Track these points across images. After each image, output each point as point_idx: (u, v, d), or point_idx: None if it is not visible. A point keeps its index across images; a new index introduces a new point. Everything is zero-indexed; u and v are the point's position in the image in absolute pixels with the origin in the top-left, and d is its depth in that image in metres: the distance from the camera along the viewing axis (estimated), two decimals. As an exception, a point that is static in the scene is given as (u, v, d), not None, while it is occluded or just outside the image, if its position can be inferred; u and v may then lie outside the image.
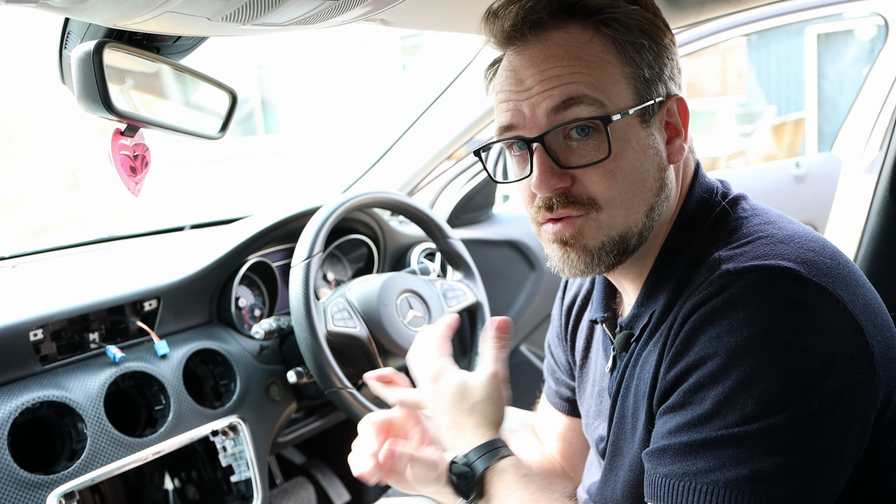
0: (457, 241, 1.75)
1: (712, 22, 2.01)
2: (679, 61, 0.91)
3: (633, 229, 0.86)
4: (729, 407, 0.72)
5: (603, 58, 0.85)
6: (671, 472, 0.75)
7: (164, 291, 1.49)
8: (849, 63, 8.88)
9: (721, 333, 0.74)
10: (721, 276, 0.77)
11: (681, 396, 0.77)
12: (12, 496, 1.14)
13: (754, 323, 0.73)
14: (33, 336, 1.29)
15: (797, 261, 0.76)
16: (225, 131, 1.15)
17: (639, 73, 0.86)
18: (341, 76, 9.61)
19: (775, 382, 0.71)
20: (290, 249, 1.69)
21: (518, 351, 2.31)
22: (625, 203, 0.85)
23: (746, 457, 0.71)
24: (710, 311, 0.76)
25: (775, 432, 0.70)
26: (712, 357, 0.74)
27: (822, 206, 2.73)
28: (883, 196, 1.48)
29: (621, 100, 0.84)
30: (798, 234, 0.82)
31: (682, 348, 0.78)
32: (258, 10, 0.80)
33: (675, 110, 0.89)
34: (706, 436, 0.73)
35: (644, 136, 0.86)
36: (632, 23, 0.85)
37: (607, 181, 0.84)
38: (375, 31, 8.81)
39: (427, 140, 2.01)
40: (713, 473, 0.72)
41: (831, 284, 0.75)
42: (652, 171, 0.86)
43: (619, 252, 0.87)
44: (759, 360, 0.72)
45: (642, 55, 0.86)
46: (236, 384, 1.50)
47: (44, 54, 6.12)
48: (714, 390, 0.73)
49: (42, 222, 7.46)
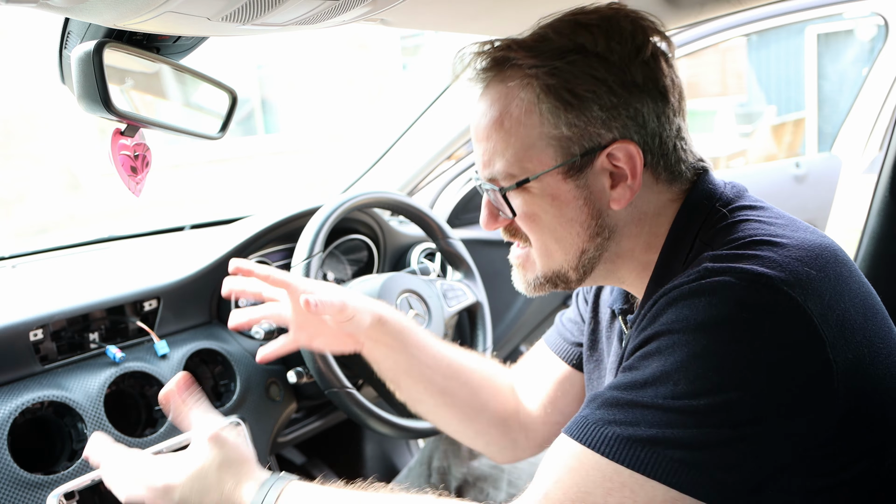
0: (457, 241, 1.75)
1: (712, 22, 2.01)
2: (646, 102, 0.89)
3: (565, 268, 0.95)
4: (664, 380, 0.77)
5: (521, 122, 0.90)
6: (590, 415, 0.81)
7: (164, 291, 1.49)
8: (849, 63, 8.88)
9: (680, 314, 0.78)
10: (699, 270, 0.80)
11: (632, 360, 0.82)
12: (12, 496, 1.14)
13: (711, 313, 0.76)
14: (33, 336, 1.29)
15: (777, 268, 0.78)
16: (225, 131, 1.15)
17: (557, 133, 0.89)
18: (341, 76, 9.61)
19: (712, 371, 0.75)
20: (290, 249, 1.69)
21: (518, 351, 2.31)
22: (548, 251, 0.95)
23: (661, 423, 0.76)
24: (678, 295, 0.80)
25: (696, 413, 0.75)
26: (665, 333, 0.79)
27: (822, 206, 2.73)
28: (883, 196, 1.48)
29: (538, 162, 0.90)
30: (793, 241, 0.82)
31: (647, 323, 0.83)
32: (258, 10, 0.80)
33: (619, 156, 0.89)
34: (633, 397, 0.79)
35: (568, 189, 0.91)
36: (556, 83, 0.87)
37: (529, 229, 0.95)
38: (375, 31, 8.81)
39: (427, 140, 2.01)
40: (625, 426, 0.78)
41: (803, 296, 0.76)
42: (581, 219, 0.92)
43: (554, 285, 0.98)
44: (704, 347, 0.76)
45: (559, 116, 0.88)
46: (236, 384, 1.50)
47: (44, 54, 6.12)
48: (657, 362, 0.79)
49: (42, 222, 7.46)
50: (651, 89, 0.89)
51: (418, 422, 1.48)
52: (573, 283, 0.97)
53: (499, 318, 2.22)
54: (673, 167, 0.93)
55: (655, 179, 0.93)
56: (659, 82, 0.90)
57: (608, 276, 0.98)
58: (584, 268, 0.95)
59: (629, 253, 0.95)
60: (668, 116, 0.91)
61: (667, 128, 0.91)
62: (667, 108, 0.91)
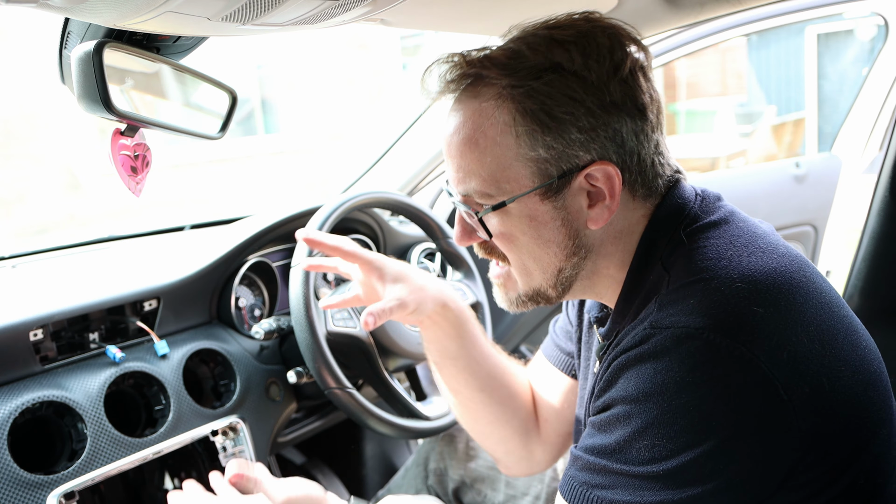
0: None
1: (712, 22, 2.01)
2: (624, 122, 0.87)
3: (544, 286, 0.96)
4: (627, 448, 0.82)
5: (496, 142, 0.88)
6: (576, 476, 0.87)
7: (164, 291, 1.49)
8: (849, 63, 8.88)
9: (630, 383, 0.82)
10: (645, 328, 0.83)
11: (599, 422, 0.86)
12: (12, 496, 1.14)
13: (657, 380, 0.79)
14: (33, 336, 1.29)
15: (719, 318, 0.78)
16: (225, 131, 1.15)
17: (534, 154, 0.87)
18: (341, 76, 9.61)
19: (665, 437, 0.78)
20: (290, 249, 1.69)
21: (518, 351, 2.31)
22: (527, 270, 0.95)
23: (634, 488, 0.81)
24: (626, 361, 0.83)
25: (661, 477, 0.79)
26: (621, 402, 0.83)
27: (822, 206, 2.73)
28: (883, 196, 1.48)
29: (515, 183, 0.89)
30: (744, 274, 0.82)
31: (605, 386, 0.86)
32: (258, 10, 0.80)
33: (598, 176, 0.88)
34: (605, 463, 0.84)
35: (545, 210, 0.90)
36: (532, 105, 0.85)
37: (507, 249, 0.95)
38: (375, 31, 8.81)
39: (427, 140, 2.01)
40: (605, 490, 0.83)
41: (748, 343, 0.77)
42: (558, 239, 0.91)
43: (536, 302, 0.98)
44: (655, 416, 0.79)
45: (536, 139, 0.86)
46: (236, 384, 1.50)
47: (44, 54, 6.12)
48: (619, 430, 0.83)
49: (42, 222, 7.46)
50: (629, 107, 0.87)
51: (418, 422, 1.48)
52: (553, 299, 0.98)
53: (499, 318, 2.22)
54: (650, 183, 0.92)
55: (632, 197, 0.92)
56: (637, 100, 0.87)
57: (586, 291, 0.99)
58: (562, 285, 0.96)
59: (605, 270, 0.95)
60: (646, 133, 0.89)
61: (645, 145, 0.89)
62: (645, 126, 0.89)
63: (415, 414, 1.49)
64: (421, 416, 1.49)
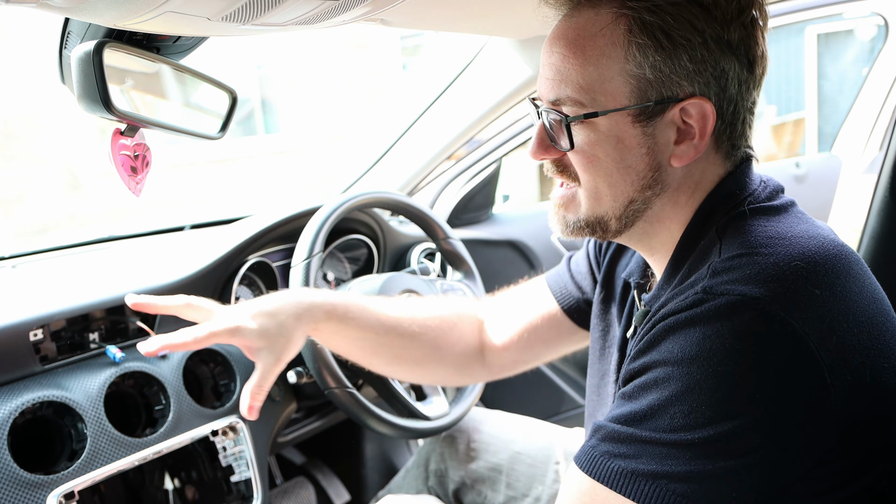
0: (457, 241, 1.75)
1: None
2: (733, 66, 0.87)
3: (609, 215, 0.92)
4: (661, 413, 0.79)
5: (604, 52, 0.86)
6: (597, 446, 0.83)
7: (165, 291, 1.49)
8: (849, 63, 8.88)
9: (675, 345, 0.79)
10: (696, 293, 0.80)
11: (630, 388, 0.83)
12: (12, 496, 1.14)
13: (705, 345, 0.77)
14: (33, 336, 1.29)
15: (776, 291, 0.77)
16: (225, 131, 1.15)
17: (639, 73, 0.85)
18: (341, 76, 9.61)
19: (704, 404, 0.76)
20: (290, 249, 1.69)
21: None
22: (598, 193, 0.91)
23: (661, 457, 0.78)
24: (675, 323, 0.80)
25: (692, 446, 0.77)
26: (661, 364, 0.80)
27: (822, 206, 2.73)
28: (883, 196, 1.48)
29: (611, 98, 0.87)
30: (804, 254, 0.81)
31: (644, 348, 0.83)
32: (258, 10, 0.80)
33: (692, 112, 0.87)
34: (634, 431, 0.80)
35: (634, 134, 0.87)
36: (652, 20, 0.84)
37: (583, 167, 0.91)
38: (375, 31, 8.81)
39: (427, 140, 2.01)
40: (628, 460, 0.80)
41: (801, 321, 0.76)
42: (638, 167, 0.89)
43: (593, 231, 0.94)
44: (698, 381, 0.76)
45: (647, 55, 0.85)
46: (236, 384, 1.50)
47: (44, 54, 6.11)
48: (654, 394, 0.80)
49: (42, 222, 7.46)
50: (742, 54, 0.86)
51: (418, 422, 1.48)
52: (611, 233, 0.94)
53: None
54: (736, 140, 0.91)
55: (716, 148, 0.90)
56: (751, 50, 0.87)
57: (642, 239, 0.96)
58: (626, 219, 0.92)
59: (668, 220, 0.93)
60: (748, 86, 0.88)
61: (745, 97, 0.89)
62: (750, 79, 0.88)
63: (415, 414, 1.49)
64: (421, 416, 1.49)
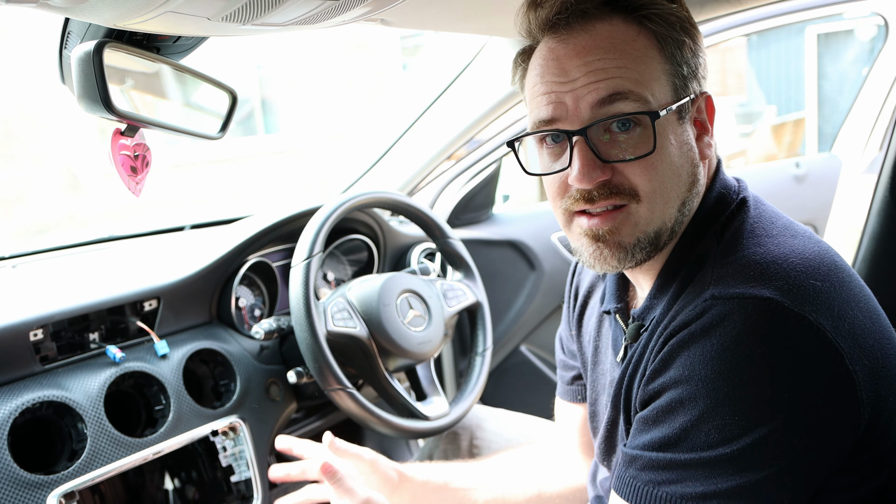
0: (457, 241, 1.75)
1: (712, 22, 2.01)
2: (706, 59, 0.92)
3: (667, 224, 0.88)
4: (695, 433, 0.77)
5: (646, 53, 0.86)
6: (638, 476, 0.82)
7: (164, 291, 1.49)
8: (849, 63, 8.88)
9: (694, 360, 0.77)
10: (705, 301, 0.79)
11: (654, 412, 0.81)
12: (12, 496, 1.14)
13: (725, 355, 0.76)
14: (33, 336, 1.29)
15: (783, 288, 0.77)
16: (225, 131, 1.15)
17: (677, 70, 0.87)
18: (341, 76, 9.61)
19: (737, 415, 0.75)
20: (290, 249, 1.69)
21: (518, 351, 2.31)
22: (663, 197, 0.86)
23: (705, 476, 0.76)
24: (688, 337, 0.79)
25: (734, 459, 0.75)
26: (684, 382, 0.78)
27: (822, 206, 2.72)
28: (883, 196, 1.48)
29: (662, 96, 0.86)
30: (794, 250, 0.82)
31: (659, 367, 0.81)
32: (258, 10, 0.80)
33: (703, 107, 0.91)
34: (672, 456, 0.79)
35: (680, 132, 0.88)
36: (673, 20, 0.86)
37: (648, 174, 0.85)
38: (375, 31, 8.80)
39: (427, 140, 2.01)
40: (674, 486, 0.78)
41: (814, 313, 0.76)
42: (686, 166, 0.88)
43: (651, 248, 0.88)
44: (725, 393, 0.75)
45: (682, 52, 0.87)
46: (236, 384, 1.50)
47: (44, 54, 6.11)
48: (682, 416, 0.78)
49: (42, 222, 7.46)
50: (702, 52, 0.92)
51: (418, 422, 1.48)
52: (659, 248, 0.89)
53: (499, 318, 2.22)
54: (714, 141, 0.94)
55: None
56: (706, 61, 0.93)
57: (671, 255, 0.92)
58: (676, 227, 0.89)
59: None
60: None
61: None
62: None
63: (415, 414, 1.49)
64: (421, 416, 1.49)
